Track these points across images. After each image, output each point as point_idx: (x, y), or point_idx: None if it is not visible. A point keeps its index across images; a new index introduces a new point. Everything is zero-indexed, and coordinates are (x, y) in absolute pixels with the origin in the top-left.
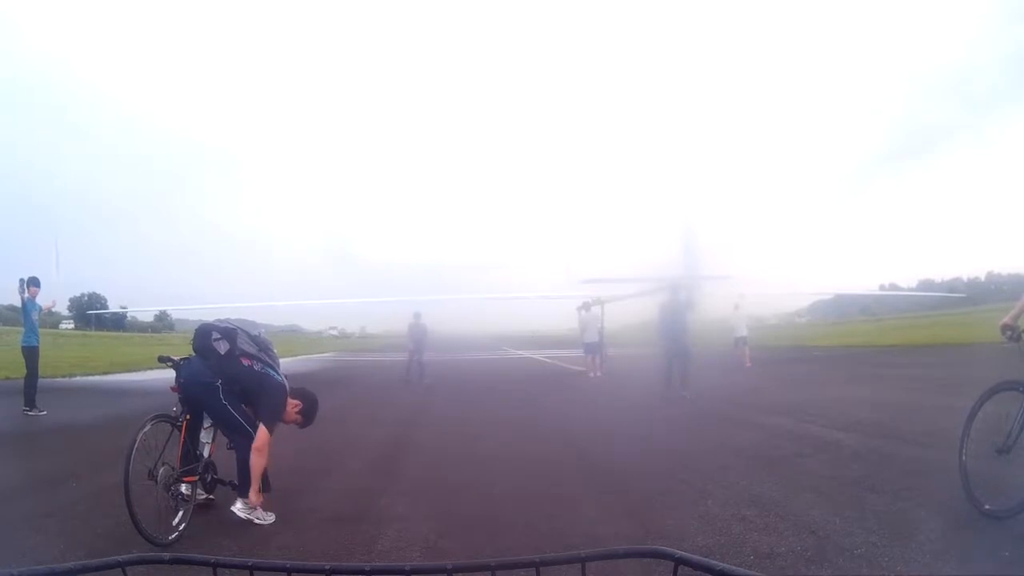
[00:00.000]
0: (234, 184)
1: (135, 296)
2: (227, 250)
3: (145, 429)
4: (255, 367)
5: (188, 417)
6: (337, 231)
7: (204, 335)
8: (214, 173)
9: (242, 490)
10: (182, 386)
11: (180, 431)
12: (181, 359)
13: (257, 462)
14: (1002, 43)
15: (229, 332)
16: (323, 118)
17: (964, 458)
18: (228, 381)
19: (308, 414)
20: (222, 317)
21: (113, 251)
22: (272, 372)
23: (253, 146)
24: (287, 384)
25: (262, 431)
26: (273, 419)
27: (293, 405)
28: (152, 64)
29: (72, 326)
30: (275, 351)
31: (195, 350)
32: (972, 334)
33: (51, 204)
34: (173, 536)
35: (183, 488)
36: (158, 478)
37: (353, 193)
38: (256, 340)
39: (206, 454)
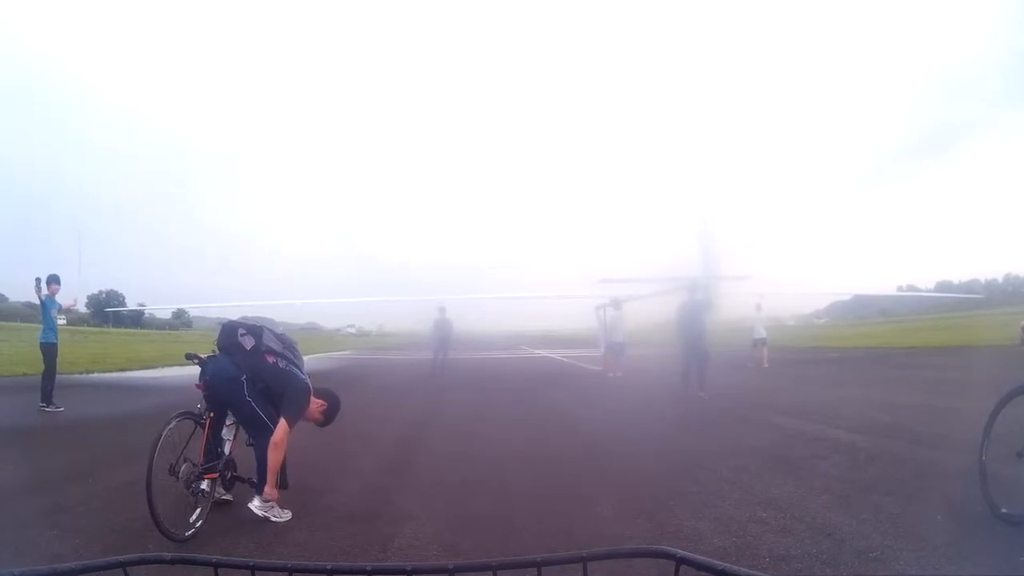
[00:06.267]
0: (249, 185)
1: (150, 295)
2: (243, 249)
3: (170, 426)
4: (280, 364)
5: (212, 415)
6: (353, 231)
7: (230, 332)
8: (229, 174)
9: (260, 488)
10: (208, 383)
11: (204, 428)
12: (207, 356)
13: (275, 456)
14: (1021, 38)
15: (255, 329)
16: (339, 118)
17: (984, 459)
18: (253, 377)
19: (330, 414)
20: (244, 315)
21: (129, 250)
22: (296, 370)
23: (269, 148)
24: (311, 384)
25: (282, 425)
26: (296, 416)
27: (318, 404)
28: (168, 69)
29: (64, 322)
30: (299, 350)
31: (220, 347)
32: (990, 336)
33: (66, 204)
34: (190, 532)
35: (203, 485)
36: (180, 474)
37: (370, 193)
38: (281, 338)
39: (227, 451)
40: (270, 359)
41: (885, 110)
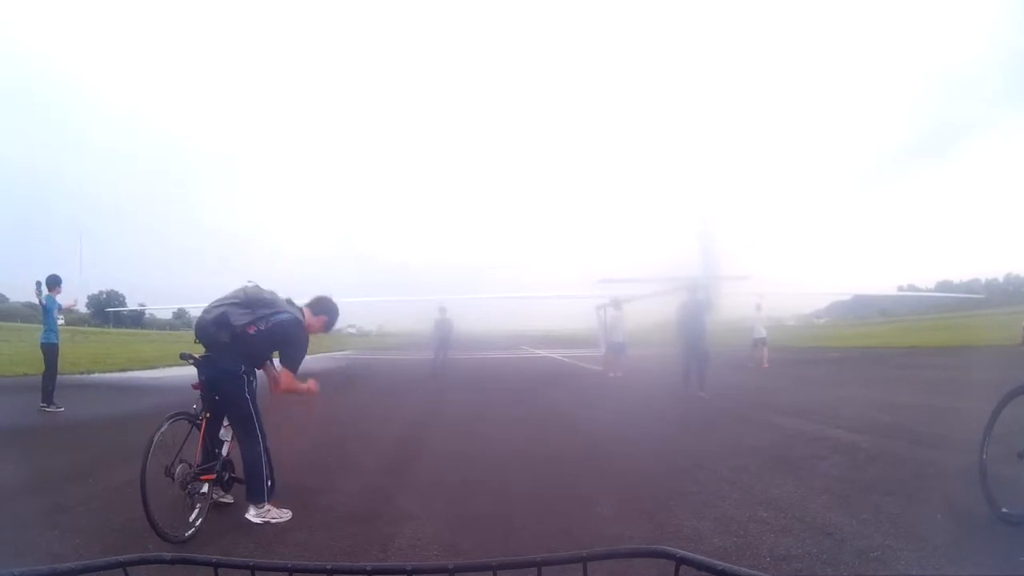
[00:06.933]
0: (249, 185)
1: (150, 295)
2: (243, 249)
3: (163, 429)
4: (262, 327)
5: (207, 415)
6: (354, 231)
7: (205, 335)
8: (229, 174)
9: (255, 497)
10: (204, 382)
11: (199, 429)
12: (202, 356)
13: (291, 388)
14: (1021, 38)
15: (220, 320)
16: (339, 118)
17: (984, 459)
18: (249, 359)
19: (331, 322)
20: (208, 304)
21: (129, 250)
22: (280, 317)
23: (269, 148)
24: (299, 314)
25: (285, 373)
26: (298, 359)
27: (319, 322)
28: (168, 69)
29: (62, 321)
30: (267, 294)
31: (206, 347)
32: (990, 336)
33: (66, 204)
34: (189, 532)
35: (201, 487)
36: (175, 476)
37: (370, 193)
38: (246, 301)
39: (224, 452)
40: (251, 331)
41: (885, 110)
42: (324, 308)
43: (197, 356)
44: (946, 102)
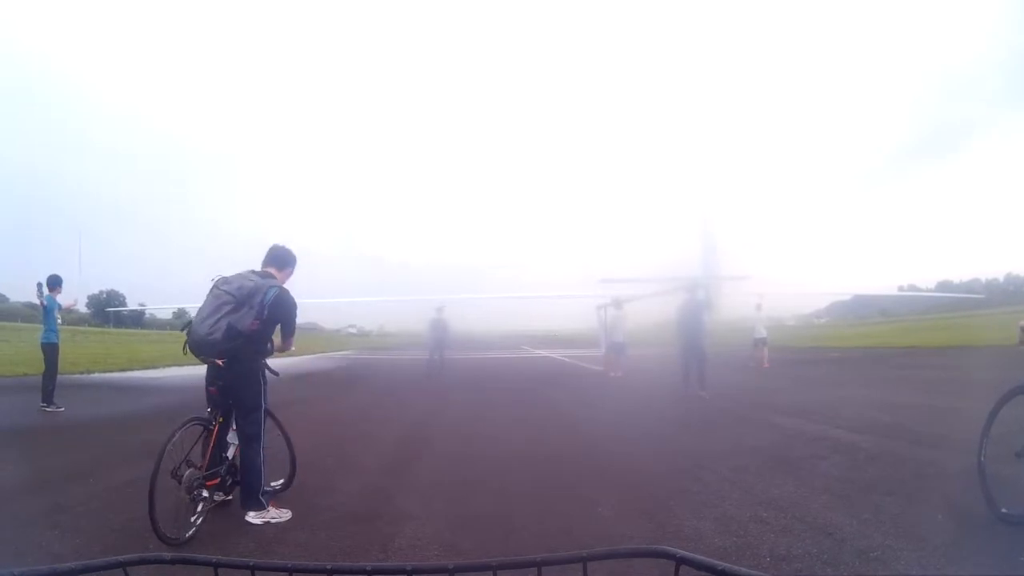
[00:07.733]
0: (249, 185)
1: (150, 295)
2: (243, 249)
3: (174, 440)
4: (261, 318)
5: (221, 420)
6: (354, 231)
7: (219, 351)
8: (229, 174)
9: (249, 504)
10: (221, 388)
11: (212, 433)
12: (223, 360)
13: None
14: (1021, 38)
15: (230, 332)
16: (339, 118)
17: (983, 459)
18: (262, 353)
19: (294, 270)
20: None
21: (129, 250)
22: (268, 297)
23: (269, 148)
24: (275, 281)
25: (288, 343)
26: (294, 326)
27: (287, 274)
28: (168, 69)
29: (60, 321)
30: (249, 281)
31: (225, 359)
32: (990, 336)
33: (66, 204)
34: (190, 532)
35: (204, 492)
36: (181, 479)
37: (370, 193)
38: (238, 302)
39: (230, 455)
40: (255, 325)
41: (885, 110)
42: (284, 260)
43: (219, 361)
44: (946, 102)
